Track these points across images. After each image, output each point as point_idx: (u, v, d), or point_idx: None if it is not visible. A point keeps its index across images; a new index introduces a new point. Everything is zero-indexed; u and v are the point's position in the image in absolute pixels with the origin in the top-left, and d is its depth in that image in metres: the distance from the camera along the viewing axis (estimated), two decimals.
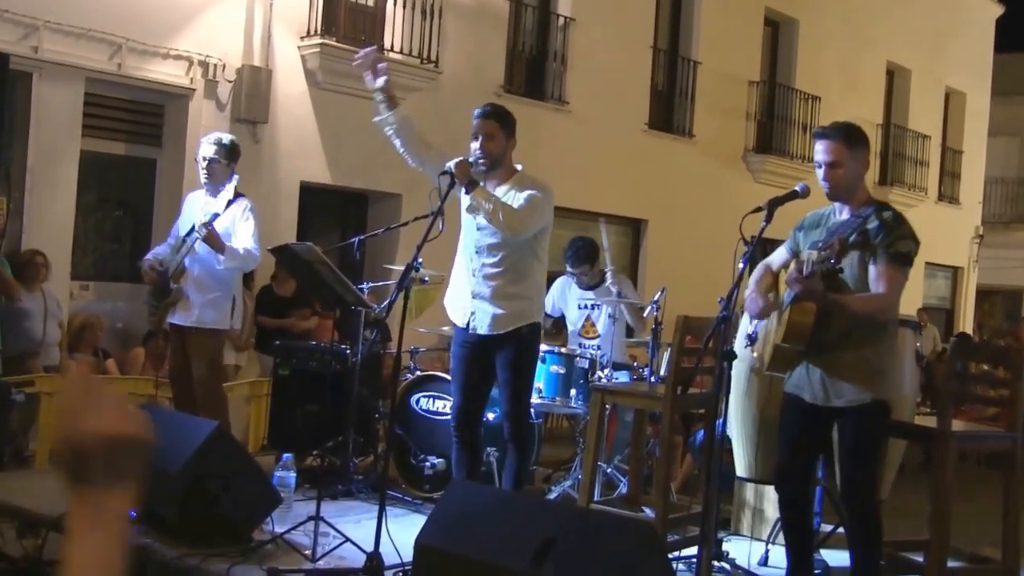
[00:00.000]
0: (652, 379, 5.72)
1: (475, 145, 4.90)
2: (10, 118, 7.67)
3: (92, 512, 1.20)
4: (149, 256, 6.15)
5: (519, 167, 5.06)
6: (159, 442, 4.04)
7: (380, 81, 5.04)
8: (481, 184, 4.85)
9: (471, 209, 4.89)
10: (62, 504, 4.02)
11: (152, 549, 4.34)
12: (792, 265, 4.26)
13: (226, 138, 6.10)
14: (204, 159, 5.97)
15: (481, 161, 4.88)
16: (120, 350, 8.87)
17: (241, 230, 5.87)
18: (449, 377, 5.89)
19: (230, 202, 5.88)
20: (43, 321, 7.82)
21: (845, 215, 4.22)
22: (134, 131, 9.25)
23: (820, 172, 4.21)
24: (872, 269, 4.06)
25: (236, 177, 5.91)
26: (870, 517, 4.18)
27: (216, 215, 5.77)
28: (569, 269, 6.75)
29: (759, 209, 4.20)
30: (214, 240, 5.74)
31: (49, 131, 8.39)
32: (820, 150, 4.20)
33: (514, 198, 4.89)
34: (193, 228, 5.87)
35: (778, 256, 4.48)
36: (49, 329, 7.89)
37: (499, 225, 4.79)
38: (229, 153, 6.02)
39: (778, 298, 4.35)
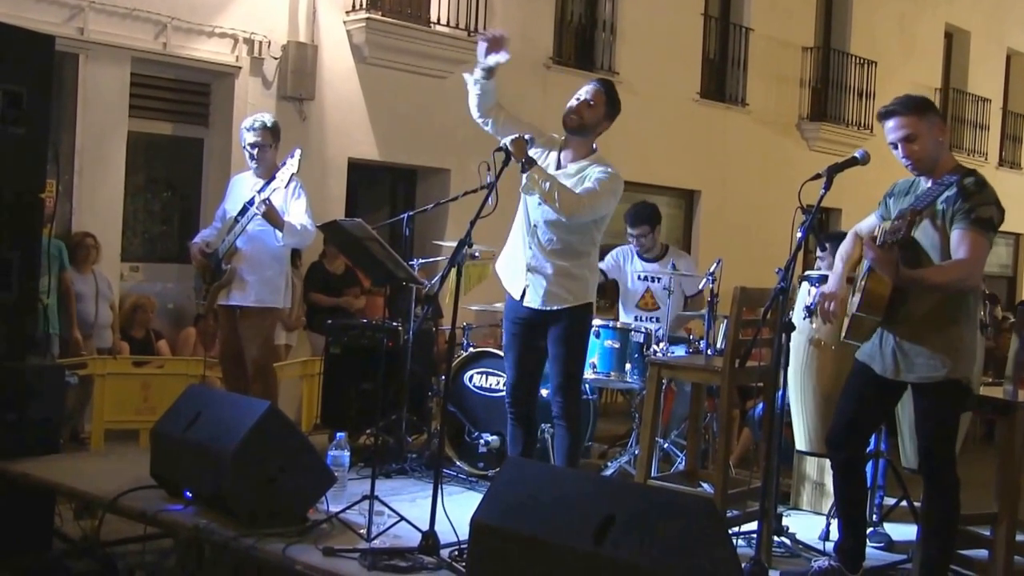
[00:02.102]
0: (709, 352, 5.62)
1: (573, 104, 4.90)
2: (58, 100, 7.70)
3: None
4: (197, 239, 6.13)
5: (596, 149, 4.98)
6: (211, 422, 3.95)
7: (502, 56, 4.97)
8: (538, 163, 4.80)
9: (527, 189, 4.80)
10: (118, 486, 3.99)
11: (208, 529, 4.32)
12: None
13: (268, 119, 6.05)
14: (251, 146, 5.93)
15: (572, 127, 4.86)
16: (171, 331, 8.91)
17: (294, 207, 5.83)
18: (502, 353, 5.84)
19: (291, 177, 5.81)
20: (95, 303, 7.87)
21: (929, 182, 4.06)
22: (181, 111, 9.26)
23: (898, 151, 4.05)
24: (953, 236, 3.90)
25: (299, 151, 5.85)
26: (949, 494, 4.03)
27: (275, 187, 5.73)
28: (628, 230, 6.67)
29: (818, 176, 4.12)
30: (273, 215, 5.71)
31: (96, 113, 8.41)
32: (891, 128, 4.04)
33: (583, 179, 4.81)
34: (245, 208, 5.84)
35: (867, 223, 4.34)
36: (101, 311, 7.94)
37: (555, 207, 4.73)
38: (274, 135, 6.01)
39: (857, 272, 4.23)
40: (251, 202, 5.81)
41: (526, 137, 4.74)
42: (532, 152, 4.78)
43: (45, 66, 5.54)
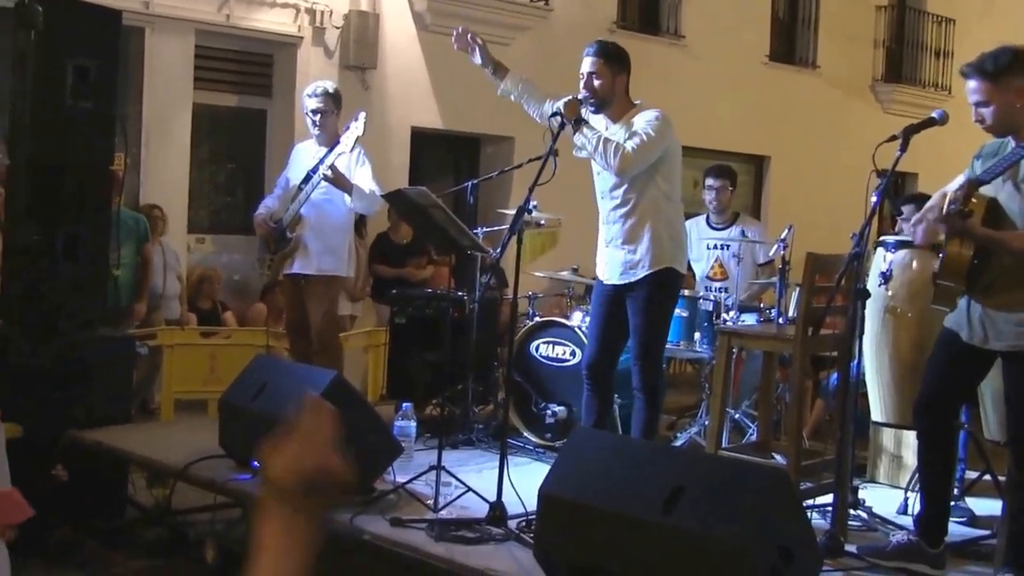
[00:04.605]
0: (780, 321, 5.49)
1: (582, 84, 4.84)
2: (124, 74, 7.75)
3: (284, 529, 1.30)
4: (261, 210, 6.14)
5: (638, 102, 4.89)
6: (278, 393, 3.94)
7: (476, 56, 5.13)
8: (589, 123, 4.76)
9: (578, 149, 4.76)
10: (188, 455, 4.01)
11: None
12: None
13: (330, 86, 6.03)
14: (314, 112, 5.92)
15: (590, 100, 4.79)
16: (237, 302, 8.98)
17: (360, 174, 5.82)
18: (568, 323, 5.78)
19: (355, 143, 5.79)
20: (163, 274, 7.94)
21: (1013, 144, 3.91)
22: (244, 82, 9.30)
23: (973, 113, 3.91)
24: None
25: (363, 115, 5.82)
26: None
27: (340, 152, 5.72)
28: (708, 182, 6.58)
29: (894, 138, 4.01)
30: (340, 180, 5.70)
31: (162, 85, 8.47)
32: (968, 89, 3.91)
33: (631, 135, 4.72)
34: (309, 176, 5.83)
35: (954, 184, 4.19)
36: (169, 282, 8.01)
37: (603, 162, 4.70)
38: (336, 101, 5.98)
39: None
40: (315, 170, 5.80)
41: (579, 97, 4.70)
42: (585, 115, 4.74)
43: (112, 40, 5.58)
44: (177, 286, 8.12)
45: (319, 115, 5.93)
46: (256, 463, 4.56)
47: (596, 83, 4.80)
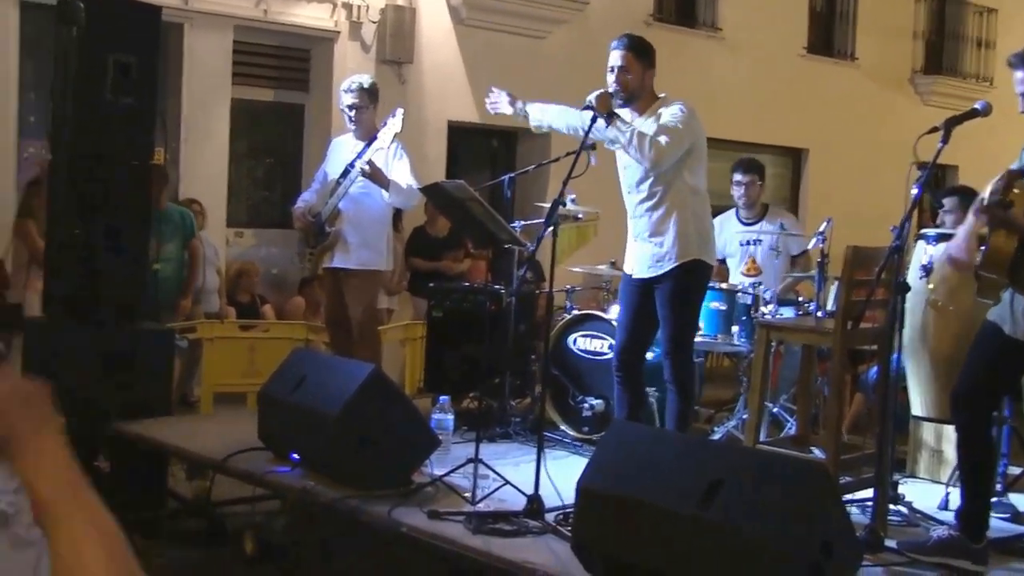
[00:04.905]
0: (819, 314, 5.45)
1: (611, 78, 4.84)
2: (164, 69, 7.82)
3: (35, 458, 1.39)
4: (299, 204, 6.17)
5: (662, 95, 4.88)
6: (317, 385, 3.97)
7: (509, 108, 5.32)
8: (620, 116, 4.77)
9: (610, 142, 4.75)
10: (227, 447, 4.04)
11: (315, 491, 4.36)
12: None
13: (365, 81, 6.04)
14: (349, 108, 5.94)
15: (620, 95, 4.80)
16: (275, 296, 9.04)
17: (397, 168, 5.83)
18: (606, 316, 5.77)
19: (393, 139, 5.81)
20: (203, 268, 8.00)
21: None
22: (282, 77, 9.36)
23: (1020, 103, 3.87)
24: None
25: (401, 111, 5.85)
26: None
27: (378, 148, 5.73)
28: (736, 178, 6.52)
29: (935, 130, 3.96)
30: (378, 175, 5.72)
31: (201, 80, 8.54)
32: (1015, 80, 3.87)
33: (653, 125, 4.72)
34: (347, 170, 5.85)
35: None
36: (208, 276, 8.07)
37: (637, 155, 4.70)
38: (372, 96, 5.99)
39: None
40: (352, 164, 5.82)
41: (611, 90, 4.70)
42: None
43: (152, 36, 5.62)
44: (216, 280, 8.18)
45: (354, 110, 5.95)
46: (295, 456, 4.60)
47: (626, 77, 4.81)
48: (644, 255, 4.90)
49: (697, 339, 5.72)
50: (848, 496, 4.35)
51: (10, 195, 7.72)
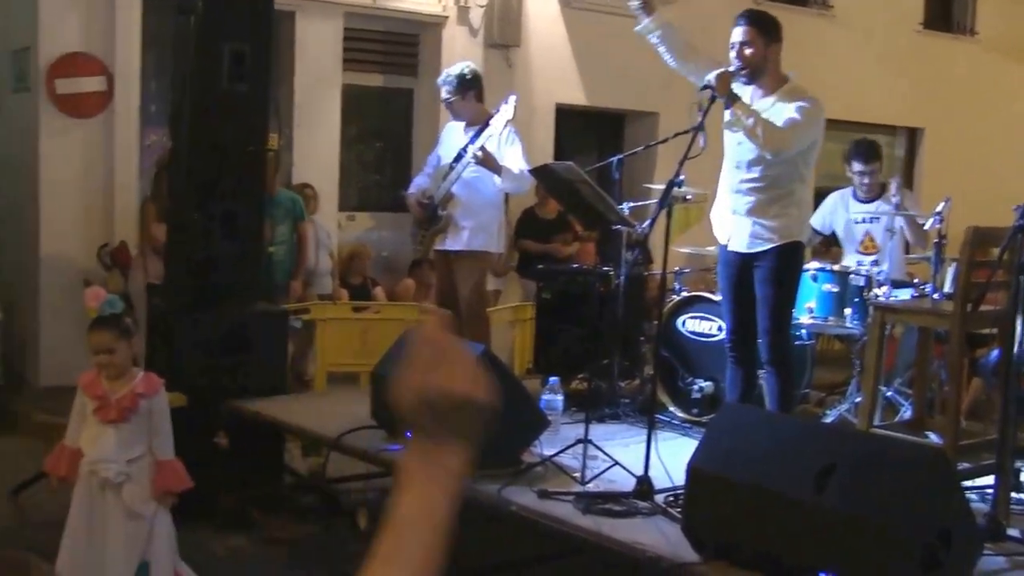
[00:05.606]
0: (936, 296, 5.31)
1: (732, 54, 4.76)
2: (276, 57, 7.98)
3: (425, 466, 1.22)
4: (413, 189, 6.26)
5: (790, 75, 4.79)
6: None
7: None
8: (742, 98, 4.67)
9: (730, 124, 4.69)
10: (341, 426, 4.12)
11: None
12: None
13: (455, 70, 6.10)
14: (443, 101, 6.08)
15: (742, 72, 4.68)
16: (386, 278, 9.17)
17: (509, 153, 5.87)
18: (715, 298, 5.72)
19: (506, 124, 5.85)
20: (315, 251, 8.17)
21: None
22: (391, 62, 9.46)
23: None
24: None
25: (513, 98, 5.89)
26: None
27: (490, 134, 5.78)
28: (858, 167, 6.37)
29: None
30: (490, 161, 5.77)
31: (312, 67, 8.69)
32: None
33: (781, 111, 4.64)
34: (460, 154, 5.91)
35: None
36: (321, 258, 8.24)
37: (760, 143, 4.60)
38: (458, 86, 6.04)
39: None
40: (465, 149, 5.88)
41: (730, 69, 4.62)
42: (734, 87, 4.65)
43: (266, 24, 5.74)
44: (329, 263, 8.34)
45: (445, 104, 6.11)
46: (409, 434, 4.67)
47: (748, 52, 4.72)
48: (743, 230, 4.85)
49: (808, 321, 5.65)
50: (967, 483, 4.24)
51: (133, 182, 7.99)
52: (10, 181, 8.26)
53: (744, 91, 4.77)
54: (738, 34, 4.74)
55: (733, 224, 4.89)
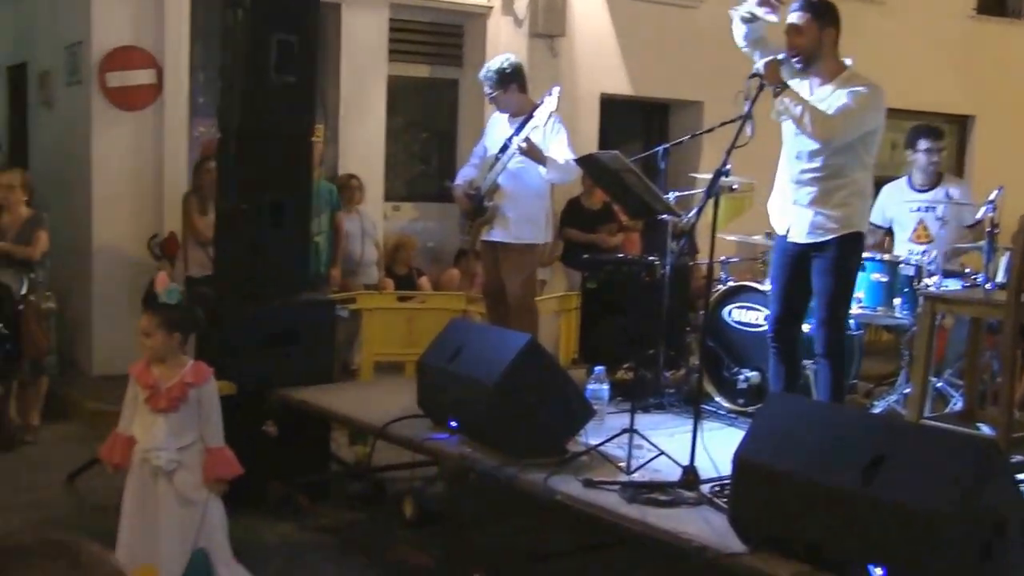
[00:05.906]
0: (988, 287, 5.24)
1: (788, 39, 4.70)
2: (322, 49, 8.03)
3: None
4: (459, 180, 6.28)
5: (848, 62, 4.72)
6: (473, 355, 4.01)
7: (771, 16, 4.76)
8: (790, 87, 4.59)
9: (778, 114, 4.62)
10: (387, 414, 4.15)
11: (472, 458, 4.44)
12: None
13: (492, 66, 6.11)
14: (487, 96, 6.09)
15: (794, 59, 4.62)
16: (432, 268, 9.21)
17: (555, 144, 5.87)
18: (761, 288, 5.68)
19: (550, 115, 5.85)
20: (361, 241, 8.23)
21: None
22: (436, 53, 9.47)
23: None
24: None
25: (557, 89, 5.89)
26: None
27: (534, 126, 5.79)
28: (926, 145, 6.32)
29: None
30: (535, 153, 5.78)
31: (358, 59, 8.73)
32: None
33: (840, 98, 4.58)
34: (506, 145, 5.92)
35: None
36: (367, 249, 8.29)
37: (808, 131, 4.54)
38: (498, 81, 6.05)
39: None
40: (510, 140, 5.89)
41: (779, 57, 4.57)
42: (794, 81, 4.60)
43: (312, 16, 5.77)
44: (375, 252, 8.39)
45: (488, 98, 6.13)
46: (453, 423, 4.70)
47: (800, 39, 4.66)
48: (804, 220, 4.79)
49: (857, 311, 5.60)
50: (1021, 476, 4.18)
51: (182, 173, 8.09)
52: (64, 173, 8.39)
53: (802, 85, 4.71)
54: (792, 18, 4.69)
55: (794, 214, 4.83)
